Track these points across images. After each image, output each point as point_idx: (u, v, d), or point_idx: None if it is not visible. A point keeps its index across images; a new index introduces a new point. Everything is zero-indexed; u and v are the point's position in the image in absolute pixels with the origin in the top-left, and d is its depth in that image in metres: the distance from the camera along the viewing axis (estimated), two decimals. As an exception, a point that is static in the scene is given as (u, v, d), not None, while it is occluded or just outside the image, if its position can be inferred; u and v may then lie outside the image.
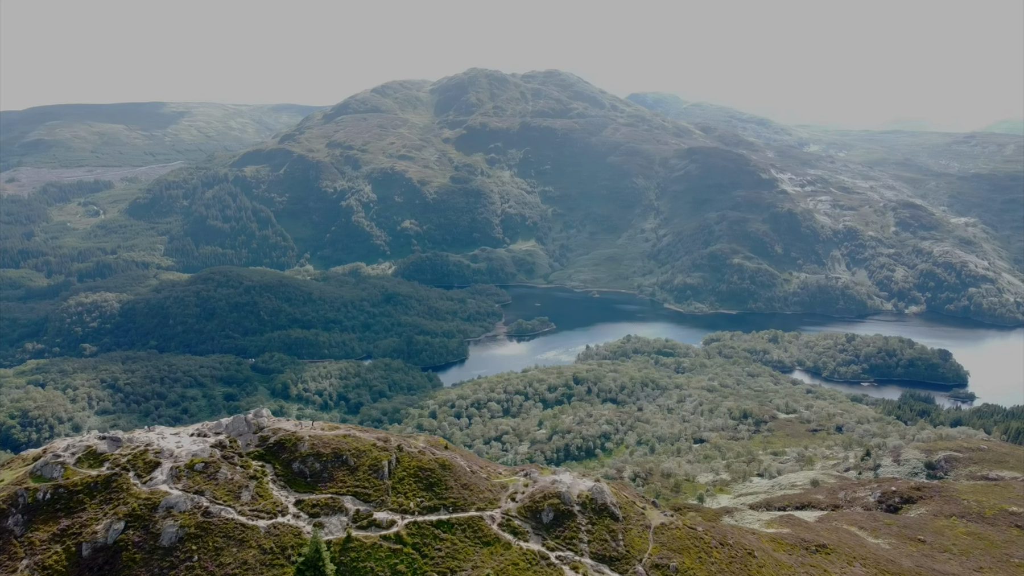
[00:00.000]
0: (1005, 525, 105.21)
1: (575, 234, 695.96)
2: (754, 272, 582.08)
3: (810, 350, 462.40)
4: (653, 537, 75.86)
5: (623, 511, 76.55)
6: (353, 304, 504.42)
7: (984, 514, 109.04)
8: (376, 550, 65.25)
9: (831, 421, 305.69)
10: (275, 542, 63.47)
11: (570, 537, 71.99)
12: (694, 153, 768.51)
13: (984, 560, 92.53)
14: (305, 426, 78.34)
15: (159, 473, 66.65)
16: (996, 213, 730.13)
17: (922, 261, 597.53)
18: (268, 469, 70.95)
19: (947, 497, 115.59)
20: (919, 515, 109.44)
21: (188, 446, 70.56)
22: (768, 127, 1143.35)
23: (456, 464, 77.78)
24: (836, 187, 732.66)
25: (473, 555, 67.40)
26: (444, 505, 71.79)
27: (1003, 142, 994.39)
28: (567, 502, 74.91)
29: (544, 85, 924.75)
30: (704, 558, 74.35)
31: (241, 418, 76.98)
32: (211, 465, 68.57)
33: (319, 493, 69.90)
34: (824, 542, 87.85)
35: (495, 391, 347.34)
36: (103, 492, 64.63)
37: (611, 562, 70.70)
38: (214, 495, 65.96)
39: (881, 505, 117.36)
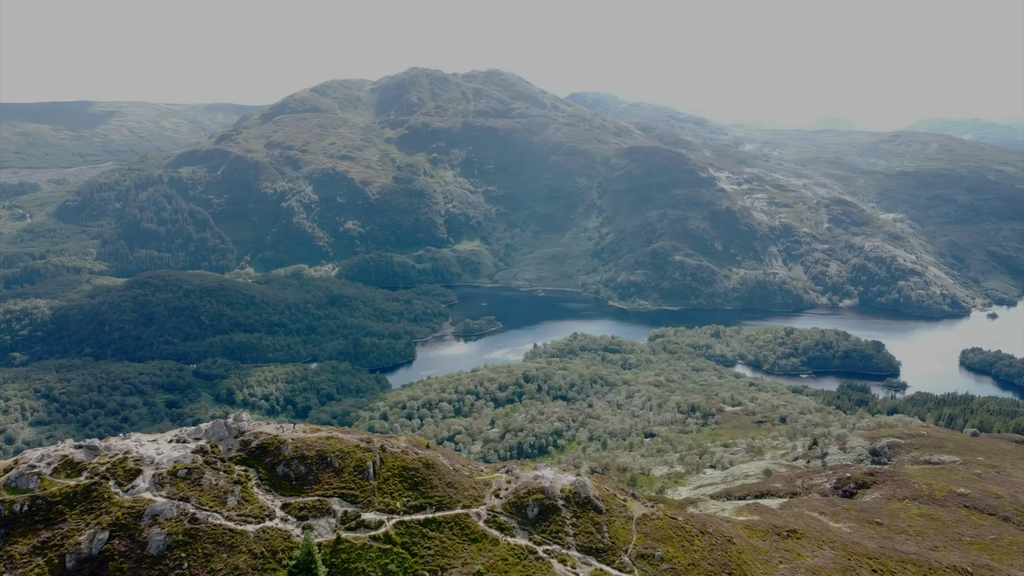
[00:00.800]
0: (954, 506, 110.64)
1: (519, 233, 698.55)
2: (695, 269, 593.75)
3: (751, 344, 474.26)
4: (636, 528, 77.57)
5: (605, 503, 78.07)
6: (297, 307, 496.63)
7: (934, 496, 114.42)
8: (366, 551, 65.15)
9: (775, 412, 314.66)
10: (265, 546, 62.79)
11: (556, 531, 73.09)
12: (635, 152, 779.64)
13: (938, 540, 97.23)
14: (287, 429, 77.49)
15: (141, 481, 65.13)
16: (921, 209, 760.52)
17: (854, 256, 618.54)
18: (252, 473, 70.02)
19: (899, 481, 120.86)
20: (874, 499, 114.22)
21: (169, 452, 69.08)
22: (705, 127, 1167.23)
23: (439, 463, 78.12)
24: (772, 185, 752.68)
25: (462, 552, 67.89)
26: (430, 504, 72.06)
27: (926, 141, 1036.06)
28: (551, 496, 76.01)
29: (485, 85, 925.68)
30: (687, 546, 76.38)
31: (221, 423, 75.66)
32: (194, 471, 67.33)
33: (305, 496, 69.36)
34: (794, 527, 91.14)
35: (446, 391, 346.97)
36: (83, 502, 62.85)
37: (598, 554, 72.06)
38: (200, 501, 64.83)
39: (837, 491, 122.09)
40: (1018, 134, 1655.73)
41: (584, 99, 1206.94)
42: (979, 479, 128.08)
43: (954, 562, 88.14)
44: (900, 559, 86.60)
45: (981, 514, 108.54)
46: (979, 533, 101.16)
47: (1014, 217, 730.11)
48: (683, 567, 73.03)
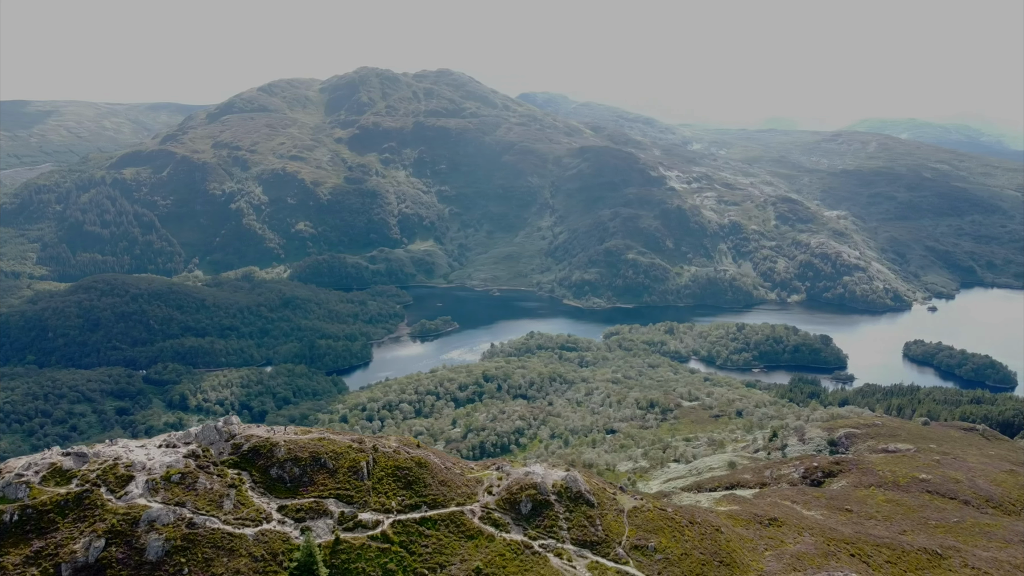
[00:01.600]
0: (918, 491, 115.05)
1: (473, 233, 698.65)
2: (648, 267, 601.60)
3: (704, 340, 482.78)
4: (628, 520, 79.03)
5: (596, 497, 79.35)
6: (249, 310, 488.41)
7: (898, 483, 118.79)
8: (365, 551, 65.12)
9: (731, 407, 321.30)
10: (265, 549, 62.27)
11: (550, 525, 74.03)
12: (586, 152, 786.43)
13: (905, 524, 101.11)
14: (278, 431, 76.78)
15: (134, 487, 63.90)
16: (863, 206, 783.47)
17: (801, 252, 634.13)
18: (245, 477, 69.25)
19: (863, 469, 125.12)
20: (841, 487, 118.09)
21: (160, 457, 67.83)
22: (653, 126, 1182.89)
23: (431, 461, 78.35)
24: (720, 184, 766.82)
25: (459, 549, 68.35)
26: (425, 502, 72.29)
27: (866, 140, 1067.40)
28: (543, 492, 76.94)
29: (436, 84, 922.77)
30: (678, 536, 78.13)
31: (211, 426, 74.58)
32: (188, 475, 66.33)
33: (301, 497, 68.89)
34: (774, 515, 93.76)
35: (406, 392, 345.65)
36: (76, 510, 61.37)
37: (592, 547, 73.25)
38: (196, 506, 63.92)
39: (805, 480, 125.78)
40: (951, 133, 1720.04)
41: (534, 99, 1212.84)
42: (938, 465, 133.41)
43: (923, 544, 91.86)
44: (875, 543, 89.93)
45: (943, 498, 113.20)
46: (943, 517, 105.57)
47: (950, 213, 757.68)
48: (676, 557, 74.77)
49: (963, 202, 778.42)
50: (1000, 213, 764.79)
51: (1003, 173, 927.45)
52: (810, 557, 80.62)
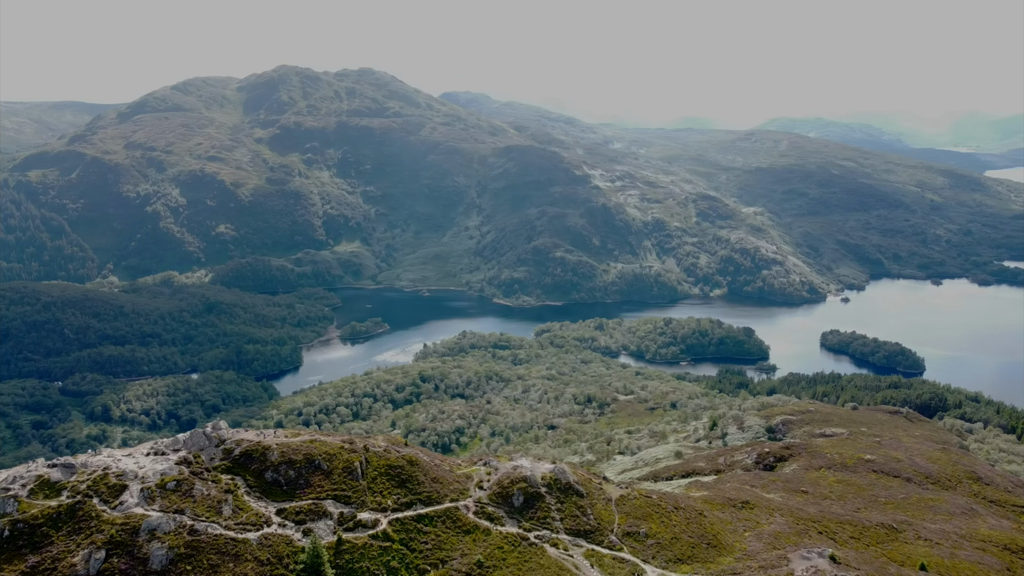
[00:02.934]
0: (865, 471, 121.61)
1: (400, 233, 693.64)
2: (575, 264, 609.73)
3: (633, 335, 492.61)
4: (616, 508, 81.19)
5: (584, 487, 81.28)
6: (172, 316, 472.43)
7: (846, 464, 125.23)
8: (368, 550, 65.13)
9: (666, 399, 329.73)
10: (270, 553, 61.53)
11: (543, 517, 75.51)
12: (511, 151, 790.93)
13: (858, 502, 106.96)
14: (268, 435, 75.70)
15: (128, 496, 62.02)
16: (778, 202, 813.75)
17: (722, 248, 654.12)
18: (240, 482, 68.04)
19: (812, 453, 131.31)
20: (793, 470, 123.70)
21: (151, 465, 65.94)
22: (575, 126, 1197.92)
23: (421, 459, 78.65)
24: (642, 182, 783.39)
25: (458, 544, 69.08)
26: (419, 500, 72.64)
27: (778, 139, 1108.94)
28: (534, 484, 78.33)
29: (358, 84, 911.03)
30: (666, 521, 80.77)
31: (200, 432, 72.88)
32: (184, 482, 64.76)
33: (299, 500, 68.20)
34: (745, 499, 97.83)
35: (342, 395, 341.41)
36: (70, 522, 59.17)
37: (586, 535, 75.09)
38: (195, 512, 62.54)
39: (759, 465, 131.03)
40: (855, 132, 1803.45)
41: (457, 98, 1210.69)
42: (880, 446, 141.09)
43: (879, 520, 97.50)
44: (838, 521, 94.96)
45: (888, 477, 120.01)
46: (890, 494, 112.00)
47: (858, 208, 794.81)
48: (667, 541, 77.42)
49: (869, 198, 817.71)
50: (903, 208, 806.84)
51: (904, 170, 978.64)
52: (785, 536, 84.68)
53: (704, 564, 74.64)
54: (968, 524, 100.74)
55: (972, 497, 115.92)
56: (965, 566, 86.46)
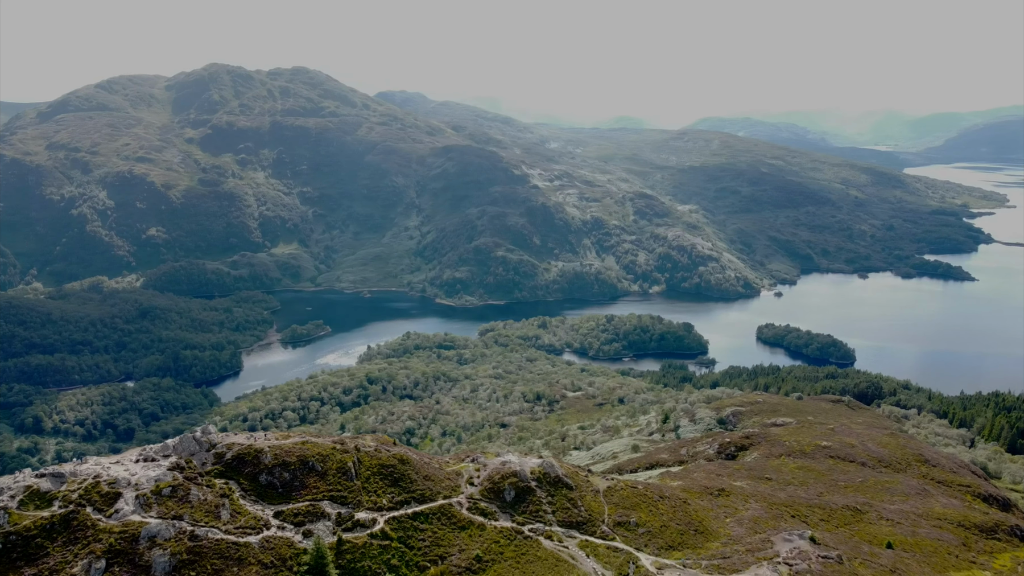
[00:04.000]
0: (823, 457, 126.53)
1: (339, 235, 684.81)
2: (517, 263, 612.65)
3: (576, 332, 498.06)
4: (605, 499, 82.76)
5: (572, 480, 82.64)
6: (103, 322, 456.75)
7: (804, 451, 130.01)
8: (368, 549, 65.04)
9: (613, 394, 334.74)
10: (273, 556, 60.85)
11: (535, 510, 76.51)
12: (450, 151, 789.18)
13: (820, 487, 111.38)
14: (259, 437, 74.54)
15: (123, 504, 60.37)
16: (711, 200, 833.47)
17: (659, 245, 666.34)
18: (234, 486, 66.92)
19: (771, 442, 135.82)
20: (754, 459, 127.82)
21: (143, 472, 64.28)
22: (512, 125, 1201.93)
23: (412, 458, 78.74)
24: (580, 181, 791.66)
25: (454, 540, 69.53)
26: (413, 497, 72.78)
27: (709, 138, 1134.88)
28: (524, 479, 79.26)
29: (292, 83, 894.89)
30: (654, 510, 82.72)
31: (189, 437, 71.23)
32: (179, 488, 63.37)
33: (296, 502, 67.51)
34: (720, 487, 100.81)
35: (288, 399, 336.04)
36: (64, 532, 57.29)
37: (579, 527, 76.43)
38: (193, 518, 61.29)
39: (721, 455, 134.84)
40: (782, 131, 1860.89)
41: (392, 98, 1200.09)
42: (834, 433, 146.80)
43: (844, 503, 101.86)
44: (807, 505, 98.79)
45: (845, 462, 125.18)
46: (849, 478, 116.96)
47: (787, 205, 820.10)
48: (657, 529, 79.39)
49: (798, 195, 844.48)
50: (830, 205, 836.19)
51: (829, 168, 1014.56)
52: (764, 520, 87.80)
53: (694, 550, 76.98)
54: (923, 504, 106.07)
55: (922, 479, 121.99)
56: (926, 543, 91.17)
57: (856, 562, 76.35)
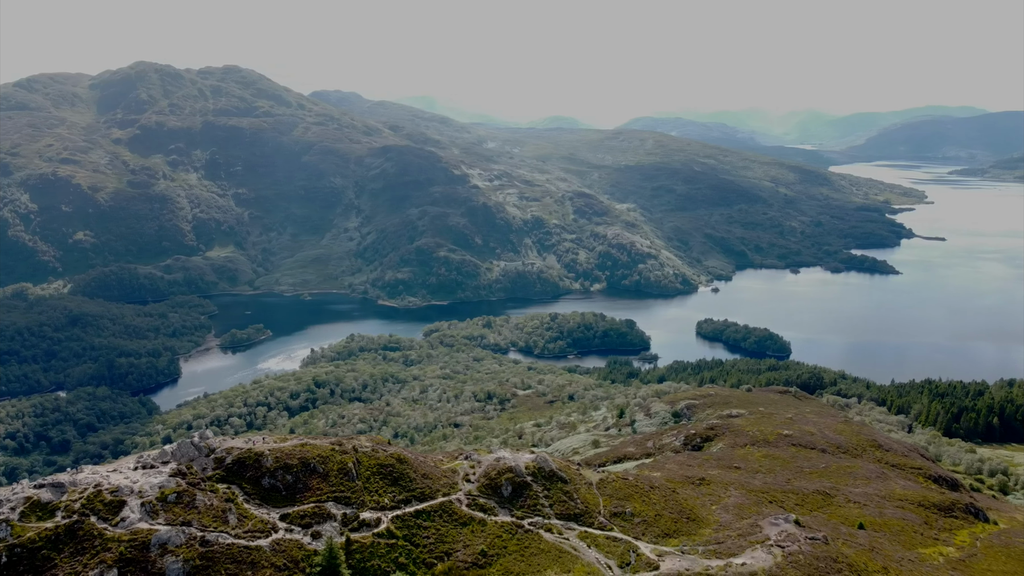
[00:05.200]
0: (786, 445, 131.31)
1: (276, 237, 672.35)
2: (459, 263, 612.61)
3: (521, 331, 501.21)
4: (599, 491, 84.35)
5: (566, 473, 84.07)
6: (30, 331, 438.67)
7: (768, 440, 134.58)
8: (376, 548, 65.04)
9: (563, 391, 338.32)
10: (285, 558, 60.33)
11: (533, 504, 77.61)
12: (388, 151, 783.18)
13: (787, 473, 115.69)
14: (256, 441, 73.46)
15: (129, 511, 58.85)
16: (648, 199, 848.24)
17: (599, 244, 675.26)
18: (237, 490, 65.91)
19: (735, 432, 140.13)
20: (720, 449, 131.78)
21: (145, 479, 62.73)
22: (449, 125, 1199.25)
23: (409, 457, 78.92)
24: (519, 181, 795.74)
25: (458, 536, 70.11)
26: (414, 496, 73.00)
27: (643, 137, 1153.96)
28: (520, 474, 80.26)
29: (224, 82, 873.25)
30: (647, 500, 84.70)
31: (188, 442, 69.72)
32: (184, 494, 62.09)
33: (301, 504, 66.91)
34: (700, 476, 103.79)
35: (234, 405, 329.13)
36: (71, 543, 55.57)
37: (576, 519, 77.83)
38: (202, 523, 60.17)
39: (687, 446, 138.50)
40: (712, 130, 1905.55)
41: (327, 97, 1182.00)
42: (793, 422, 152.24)
43: (813, 488, 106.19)
44: (782, 491, 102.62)
45: (807, 449, 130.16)
46: (813, 464, 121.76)
47: (721, 203, 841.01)
48: (651, 518, 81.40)
49: (731, 193, 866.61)
50: (761, 202, 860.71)
51: (759, 166, 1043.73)
52: (747, 507, 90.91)
53: (689, 536, 79.36)
54: (884, 486, 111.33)
55: (878, 463, 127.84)
56: (894, 522, 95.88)
57: (839, 542, 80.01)
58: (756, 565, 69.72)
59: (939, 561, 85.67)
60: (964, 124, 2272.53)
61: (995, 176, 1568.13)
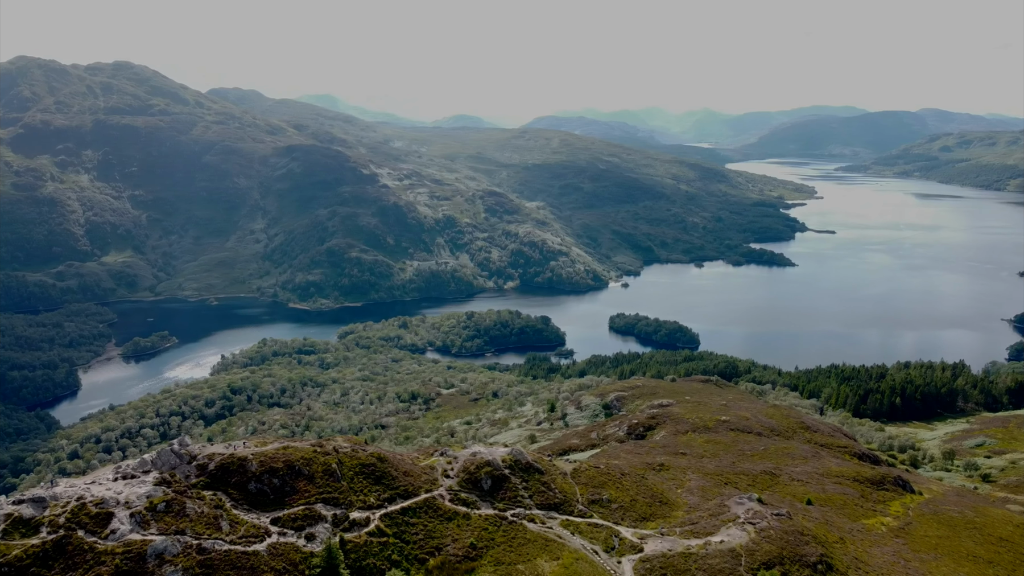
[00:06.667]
0: (725, 431, 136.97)
1: (178, 240, 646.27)
2: (372, 264, 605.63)
3: (437, 331, 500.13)
4: (574, 480, 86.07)
5: (542, 465, 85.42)
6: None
7: (707, 426, 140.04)
8: (370, 547, 64.62)
9: (487, 389, 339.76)
10: (284, 561, 59.22)
11: (513, 496, 78.57)
12: (294, 151, 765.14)
13: (731, 457, 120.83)
14: (238, 446, 71.27)
15: (118, 523, 56.25)
16: (556, 197, 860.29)
17: (511, 242, 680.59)
18: (223, 496, 63.98)
19: (675, 420, 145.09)
20: (663, 437, 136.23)
21: (129, 490, 59.94)
22: (354, 124, 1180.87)
23: (388, 455, 78.54)
24: (429, 180, 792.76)
25: (445, 531, 70.45)
26: (398, 494, 72.76)
27: (549, 136, 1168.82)
28: (498, 468, 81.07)
29: (115, 79, 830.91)
30: (620, 487, 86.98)
31: (168, 450, 66.96)
32: (174, 503, 59.79)
33: (290, 507, 65.54)
34: (660, 462, 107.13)
35: (146, 416, 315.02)
36: (60, 559, 52.68)
37: (556, 508, 79.27)
38: (196, 531, 58.15)
39: (631, 436, 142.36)
40: (614, 129, 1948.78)
41: (226, 95, 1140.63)
42: (728, 408, 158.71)
43: (759, 469, 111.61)
44: (733, 473, 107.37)
45: (744, 434, 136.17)
46: (753, 447, 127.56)
47: (627, 201, 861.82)
48: (628, 503, 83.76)
49: (636, 190, 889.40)
50: (664, 199, 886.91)
51: (660, 164, 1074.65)
52: (709, 489, 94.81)
53: (665, 519, 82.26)
54: (820, 465, 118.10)
55: (808, 443, 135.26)
56: (836, 497, 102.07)
57: (799, 517, 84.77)
58: (733, 542, 73.34)
59: (882, 530, 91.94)
60: (847, 123, 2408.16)
61: (876, 172, 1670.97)
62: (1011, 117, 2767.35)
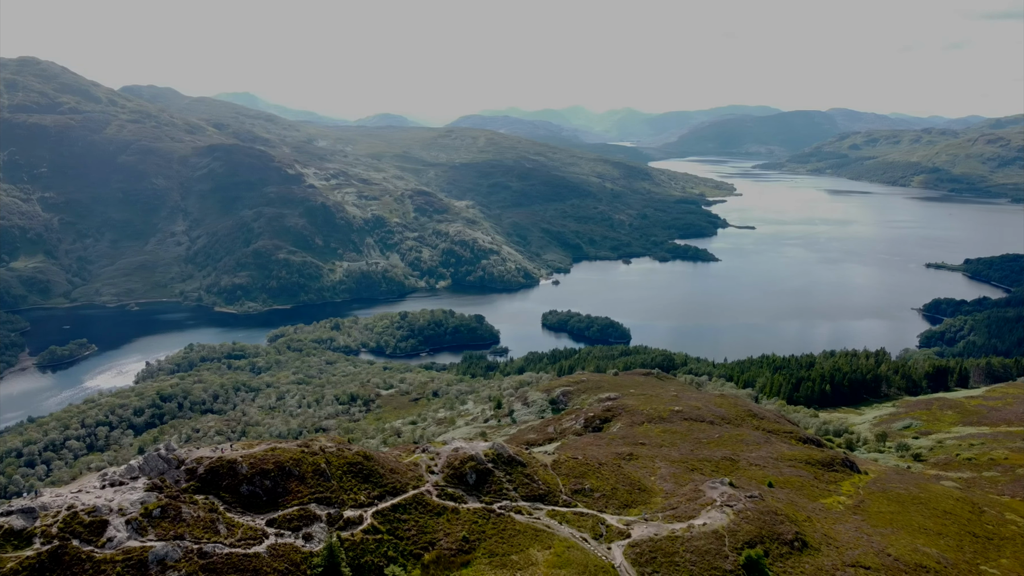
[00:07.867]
0: (679, 420, 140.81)
1: (93, 244, 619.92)
2: (300, 265, 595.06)
3: (371, 332, 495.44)
4: (555, 471, 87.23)
5: (523, 458, 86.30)
6: None
7: (662, 416, 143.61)
8: (366, 544, 64.32)
9: (427, 388, 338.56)
10: (286, 562, 58.33)
11: (498, 489, 79.21)
12: (215, 151, 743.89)
13: (688, 445, 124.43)
14: (225, 448, 69.53)
15: (114, 531, 54.26)
16: (485, 195, 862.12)
17: (442, 241, 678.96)
18: (215, 500, 62.50)
19: (630, 412, 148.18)
20: (620, 428, 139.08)
21: (120, 497, 57.79)
22: (276, 123, 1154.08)
23: (373, 453, 78.10)
24: (356, 179, 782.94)
25: (436, 526, 70.67)
26: (387, 491, 72.46)
27: (475, 135, 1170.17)
28: (481, 462, 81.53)
29: (20, 75, 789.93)
30: (600, 477, 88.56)
31: (154, 455, 64.72)
32: (169, 507, 57.97)
33: (284, 508, 64.49)
34: (628, 452, 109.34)
35: (71, 427, 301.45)
36: (58, 569, 50.52)
37: (542, 499, 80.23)
38: (194, 535, 56.59)
39: (588, 429, 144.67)
40: (539, 128, 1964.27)
41: (141, 93, 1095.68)
42: (679, 399, 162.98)
43: (719, 456, 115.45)
44: (696, 460, 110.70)
45: (697, 422, 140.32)
46: (708, 435, 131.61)
47: (554, 199, 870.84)
48: (609, 492, 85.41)
49: (563, 189, 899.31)
50: (591, 197, 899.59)
51: (585, 162, 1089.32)
52: (680, 475, 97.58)
53: (646, 505, 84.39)
54: (773, 449, 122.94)
55: (758, 430, 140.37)
56: (794, 479, 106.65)
57: (769, 498, 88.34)
58: (715, 524, 76.02)
59: (840, 508, 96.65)
60: (763, 122, 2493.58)
61: (791, 169, 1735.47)
62: (913, 116, 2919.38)
